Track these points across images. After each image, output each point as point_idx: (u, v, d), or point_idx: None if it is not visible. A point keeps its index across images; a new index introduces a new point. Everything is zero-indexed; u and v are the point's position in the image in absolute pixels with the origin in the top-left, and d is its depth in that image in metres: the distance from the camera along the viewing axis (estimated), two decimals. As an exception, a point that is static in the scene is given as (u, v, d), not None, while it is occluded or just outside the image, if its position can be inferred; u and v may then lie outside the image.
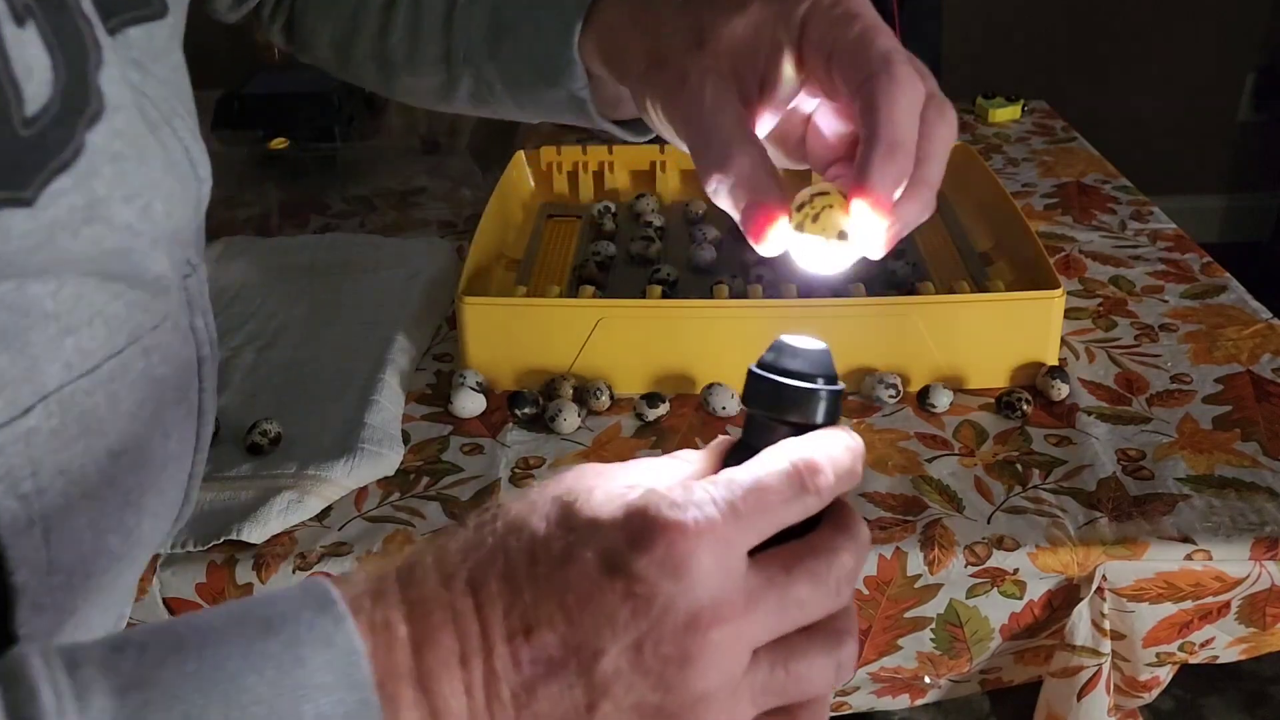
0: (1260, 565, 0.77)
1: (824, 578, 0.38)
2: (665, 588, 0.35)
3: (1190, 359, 1.00)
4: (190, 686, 0.32)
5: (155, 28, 0.47)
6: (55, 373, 0.42)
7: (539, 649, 0.35)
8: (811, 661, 0.38)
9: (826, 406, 0.41)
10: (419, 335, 1.03)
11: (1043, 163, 1.46)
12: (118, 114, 0.41)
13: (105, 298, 0.44)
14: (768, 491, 0.38)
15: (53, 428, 0.42)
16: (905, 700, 0.88)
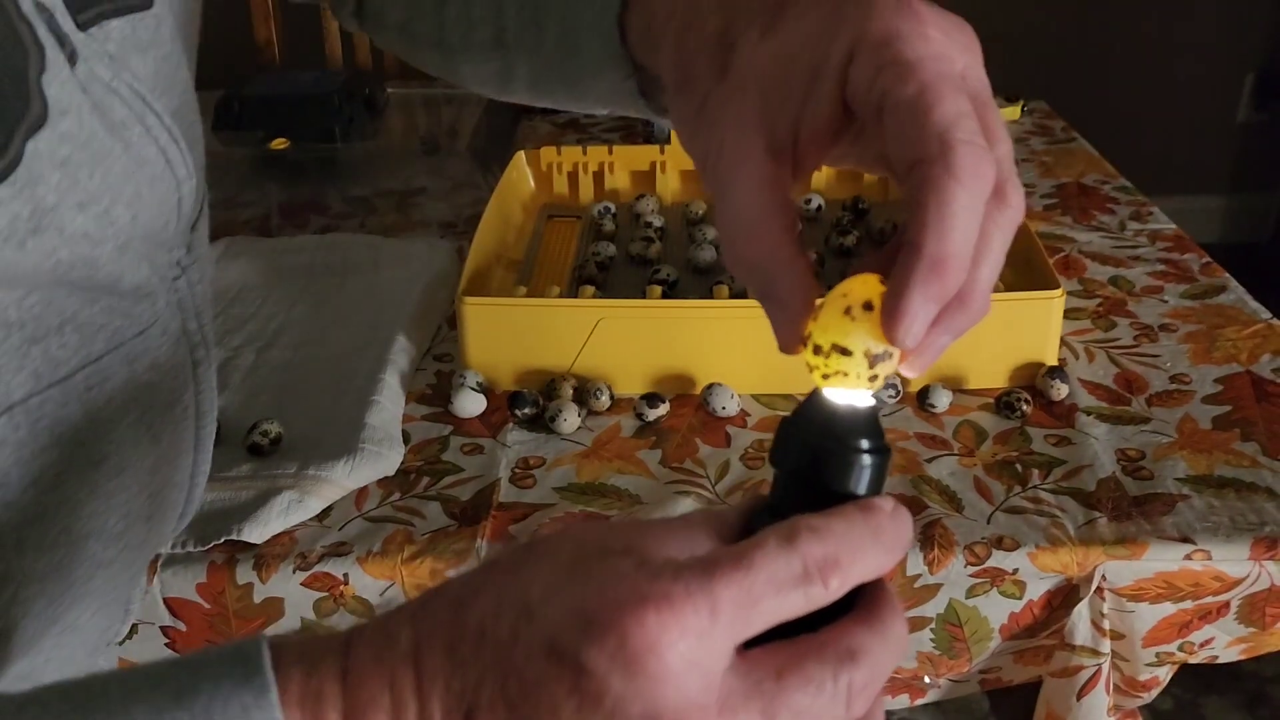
0: (1260, 565, 0.77)
1: (827, 686, 0.33)
2: (615, 686, 0.30)
3: (1190, 359, 1.00)
4: None
5: (139, 19, 0.45)
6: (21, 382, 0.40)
7: None
8: None
9: (867, 475, 0.34)
10: (419, 335, 1.03)
11: (1042, 163, 1.46)
12: (64, 118, 0.39)
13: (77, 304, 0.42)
14: (758, 581, 0.31)
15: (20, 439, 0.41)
16: (905, 700, 0.88)
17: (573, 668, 0.30)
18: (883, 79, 0.35)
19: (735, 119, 0.38)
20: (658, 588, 0.30)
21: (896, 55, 0.35)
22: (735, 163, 0.38)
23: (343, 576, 0.77)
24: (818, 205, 1.25)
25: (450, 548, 0.78)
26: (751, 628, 0.32)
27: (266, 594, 0.77)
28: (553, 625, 0.31)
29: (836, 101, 0.37)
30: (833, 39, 0.36)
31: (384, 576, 0.77)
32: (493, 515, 0.82)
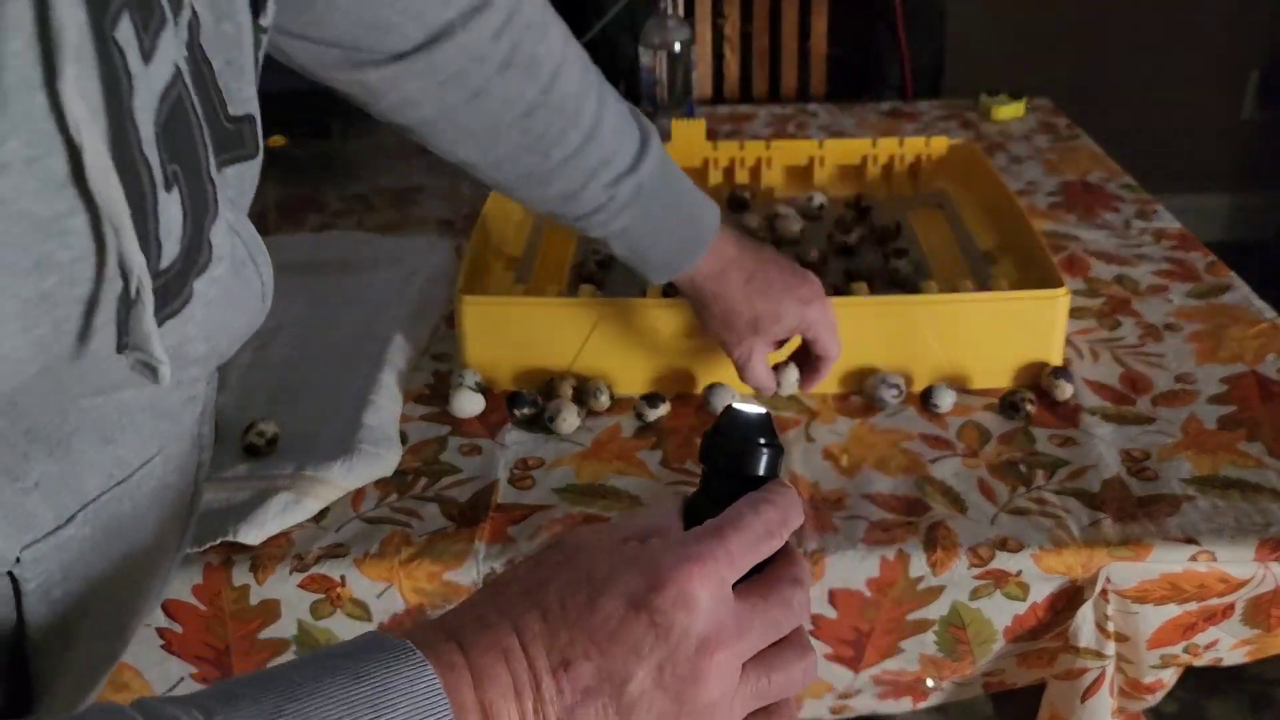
0: (1265, 567, 0.77)
1: (790, 602, 0.47)
2: (679, 618, 0.43)
3: (1195, 359, 0.99)
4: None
5: (248, 167, 0.50)
6: (96, 482, 0.45)
7: (577, 679, 0.42)
8: (788, 669, 0.46)
9: (771, 463, 0.50)
10: (417, 335, 1.02)
11: (1046, 161, 1.46)
12: (220, 263, 0.44)
13: (139, 408, 0.47)
14: (748, 537, 0.46)
15: (85, 535, 0.45)
16: (908, 703, 0.88)
17: (648, 612, 0.42)
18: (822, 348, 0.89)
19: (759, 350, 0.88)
20: (694, 551, 0.44)
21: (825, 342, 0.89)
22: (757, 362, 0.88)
23: (340, 578, 0.76)
24: (820, 203, 1.25)
25: (448, 549, 0.78)
26: (743, 569, 0.46)
27: (263, 596, 0.77)
28: (628, 587, 0.43)
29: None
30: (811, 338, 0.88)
31: (381, 578, 0.76)
32: (491, 516, 0.81)
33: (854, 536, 0.78)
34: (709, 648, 0.43)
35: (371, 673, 0.39)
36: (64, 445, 0.43)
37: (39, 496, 0.43)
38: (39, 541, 0.43)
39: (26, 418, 0.40)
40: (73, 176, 0.35)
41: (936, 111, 1.64)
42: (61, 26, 0.33)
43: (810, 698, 0.85)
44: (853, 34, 1.91)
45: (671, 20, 1.46)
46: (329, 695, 0.38)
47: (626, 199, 0.81)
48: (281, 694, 0.37)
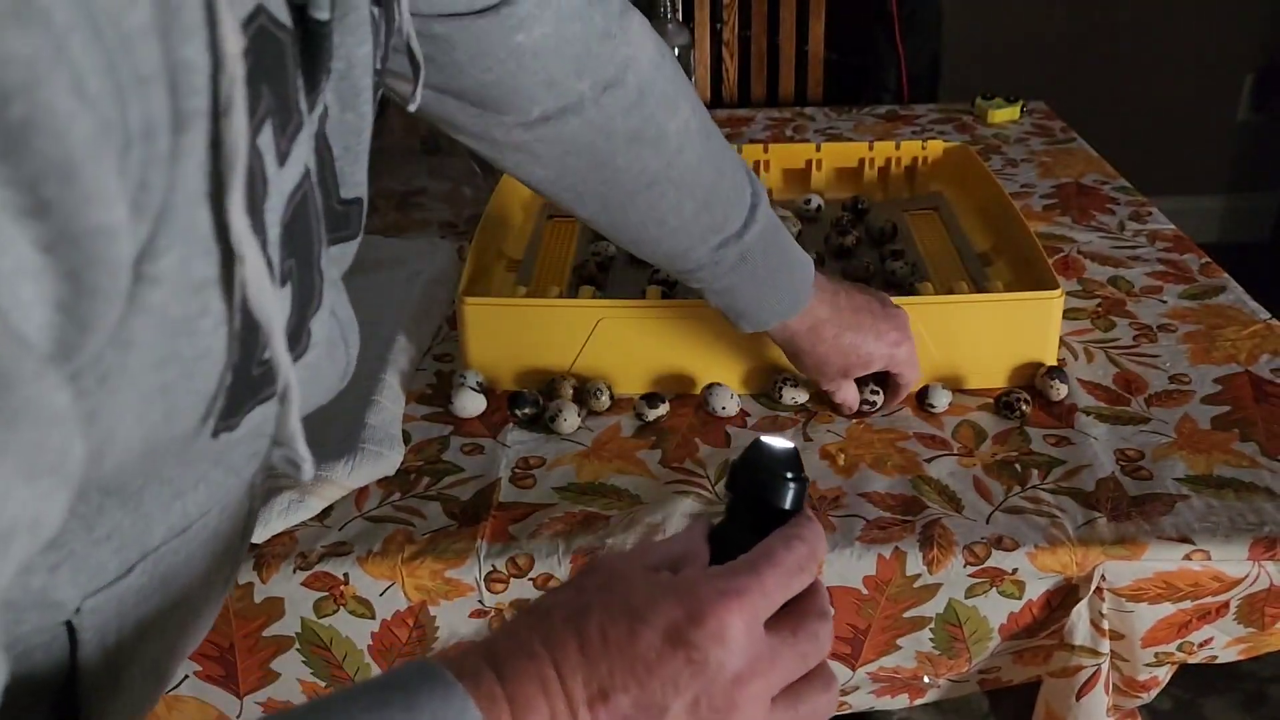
0: (1259, 565, 0.77)
1: (817, 635, 0.48)
2: (716, 654, 0.44)
3: (1189, 359, 1.00)
4: None
5: (348, 246, 0.52)
6: (160, 533, 0.46)
7: (615, 710, 0.43)
8: (814, 701, 0.48)
9: (798, 497, 0.51)
10: (419, 335, 1.03)
11: (1042, 163, 1.46)
12: (316, 349, 0.45)
13: (208, 464, 0.47)
14: (782, 574, 0.47)
15: (141, 585, 0.46)
16: (904, 700, 0.89)
17: (686, 646, 0.43)
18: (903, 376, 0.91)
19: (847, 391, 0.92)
20: (731, 585, 0.45)
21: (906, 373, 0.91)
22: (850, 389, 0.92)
23: (343, 576, 0.77)
24: (817, 205, 1.25)
25: (450, 547, 0.78)
26: (777, 605, 0.47)
27: (267, 594, 0.77)
28: (667, 620, 0.44)
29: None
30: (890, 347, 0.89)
31: (384, 576, 0.77)
32: (493, 515, 0.82)
33: (851, 535, 0.79)
34: (742, 681, 0.44)
35: (421, 706, 0.40)
36: (136, 498, 0.43)
37: (109, 548, 0.43)
38: (101, 591, 0.43)
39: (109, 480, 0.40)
40: (216, 280, 0.35)
41: (933, 115, 1.65)
42: (234, 149, 0.33)
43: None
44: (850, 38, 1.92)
45: (671, 24, 1.47)
46: None
47: (732, 263, 0.81)
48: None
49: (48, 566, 0.41)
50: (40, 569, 0.40)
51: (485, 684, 0.41)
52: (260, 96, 0.36)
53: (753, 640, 0.45)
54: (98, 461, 0.35)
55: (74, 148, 0.27)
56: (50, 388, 0.29)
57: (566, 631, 0.44)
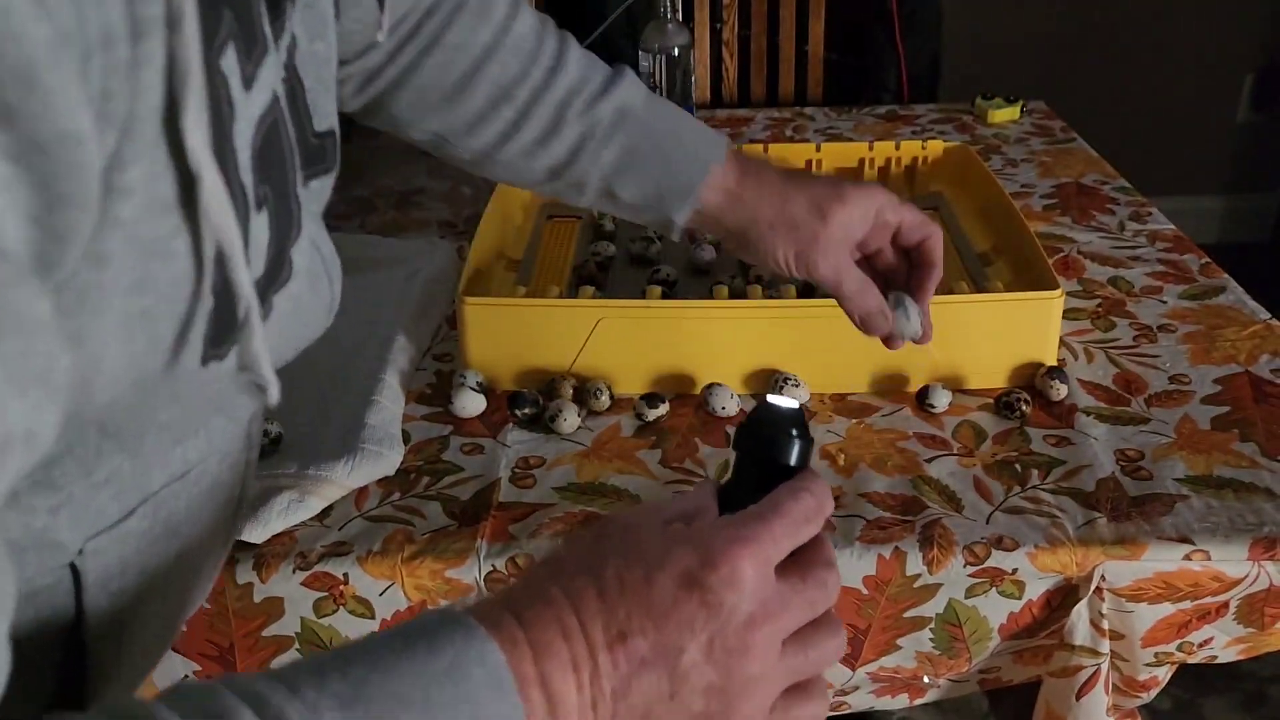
0: (1259, 565, 0.77)
1: (827, 585, 0.49)
2: (729, 597, 0.45)
3: (1189, 359, 1.00)
4: (395, 702, 0.39)
5: (326, 180, 0.52)
6: (160, 478, 0.47)
7: (633, 652, 0.44)
8: (822, 646, 0.48)
9: (803, 454, 0.52)
10: (419, 335, 1.03)
11: (1041, 163, 1.46)
12: (297, 279, 0.46)
13: (209, 412, 0.48)
14: (790, 523, 0.48)
15: (144, 529, 0.47)
16: (904, 700, 0.89)
17: (700, 590, 0.44)
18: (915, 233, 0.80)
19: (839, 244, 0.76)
20: (742, 533, 0.46)
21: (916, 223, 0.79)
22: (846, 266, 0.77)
23: (343, 576, 0.77)
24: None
25: (450, 547, 0.78)
26: (785, 553, 0.48)
27: (266, 594, 0.77)
28: (681, 565, 0.45)
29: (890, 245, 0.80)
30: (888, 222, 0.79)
31: (384, 576, 0.77)
32: (493, 515, 0.82)
33: (851, 535, 0.79)
34: (754, 624, 0.45)
35: (444, 648, 0.41)
36: (136, 443, 0.44)
37: (108, 492, 0.44)
38: (102, 534, 0.44)
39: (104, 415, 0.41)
40: (179, 201, 0.36)
41: (933, 115, 1.65)
42: (186, 62, 0.34)
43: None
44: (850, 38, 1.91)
45: (670, 25, 1.47)
46: (408, 669, 0.40)
47: (609, 123, 0.76)
48: (366, 665, 0.40)
49: (48, 508, 0.41)
50: (40, 511, 0.41)
51: (506, 628, 0.42)
52: (221, 19, 0.37)
53: (764, 585, 0.46)
54: (88, 393, 0.37)
55: (34, 54, 0.28)
56: (31, 295, 0.30)
57: (584, 579, 0.45)
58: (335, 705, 0.38)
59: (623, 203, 0.79)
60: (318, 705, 0.38)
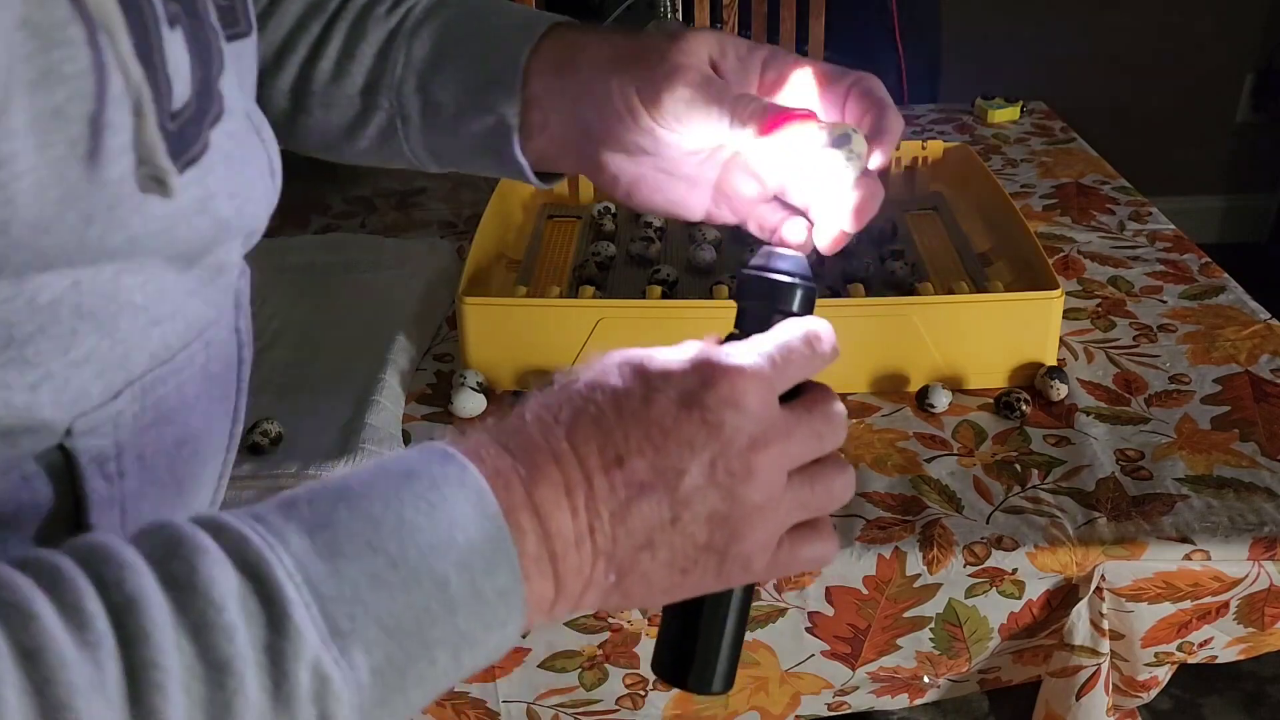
0: (1259, 565, 0.77)
1: (832, 419, 0.47)
2: (730, 416, 0.43)
3: (1189, 359, 1.00)
4: (366, 524, 0.38)
5: (245, 45, 0.51)
6: (142, 361, 0.46)
7: (631, 474, 0.42)
8: (828, 481, 0.47)
9: (807, 299, 0.50)
10: (419, 335, 1.03)
11: (1041, 163, 1.46)
12: (231, 117, 0.45)
13: (184, 294, 0.48)
14: (792, 351, 0.47)
15: (135, 412, 0.46)
16: (904, 700, 0.89)
17: (700, 409, 0.43)
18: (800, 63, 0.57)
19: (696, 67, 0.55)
20: (742, 358, 0.45)
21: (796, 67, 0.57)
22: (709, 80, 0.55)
23: (343, 576, 0.77)
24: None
25: (450, 547, 0.78)
26: (788, 383, 0.46)
27: (267, 593, 0.77)
28: (679, 387, 0.44)
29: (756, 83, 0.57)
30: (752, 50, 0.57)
31: (384, 576, 0.77)
32: (493, 515, 0.81)
33: (851, 535, 0.79)
34: (758, 446, 0.44)
35: (421, 473, 0.40)
36: (111, 323, 0.44)
37: (88, 371, 0.43)
38: (89, 414, 0.44)
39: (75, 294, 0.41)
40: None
41: (933, 115, 1.65)
42: None
43: (808, 694, 0.86)
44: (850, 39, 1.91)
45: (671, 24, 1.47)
46: (381, 494, 0.39)
47: (419, 14, 0.65)
48: (337, 494, 0.39)
49: (26, 385, 0.41)
50: (18, 388, 0.41)
51: (490, 456, 0.41)
52: None
53: (766, 409, 0.44)
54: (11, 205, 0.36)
55: None
56: None
57: (578, 403, 0.43)
58: (301, 530, 0.37)
59: (444, 116, 0.64)
60: (283, 531, 0.37)
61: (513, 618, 0.40)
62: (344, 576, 0.37)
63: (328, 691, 0.35)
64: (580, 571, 0.42)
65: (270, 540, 0.36)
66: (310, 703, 0.35)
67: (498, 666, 0.82)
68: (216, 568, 0.35)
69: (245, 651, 0.34)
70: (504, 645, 0.41)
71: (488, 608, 0.39)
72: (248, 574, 0.35)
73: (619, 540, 0.42)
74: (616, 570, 0.43)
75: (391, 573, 0.37)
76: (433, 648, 0.38)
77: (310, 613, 0.36)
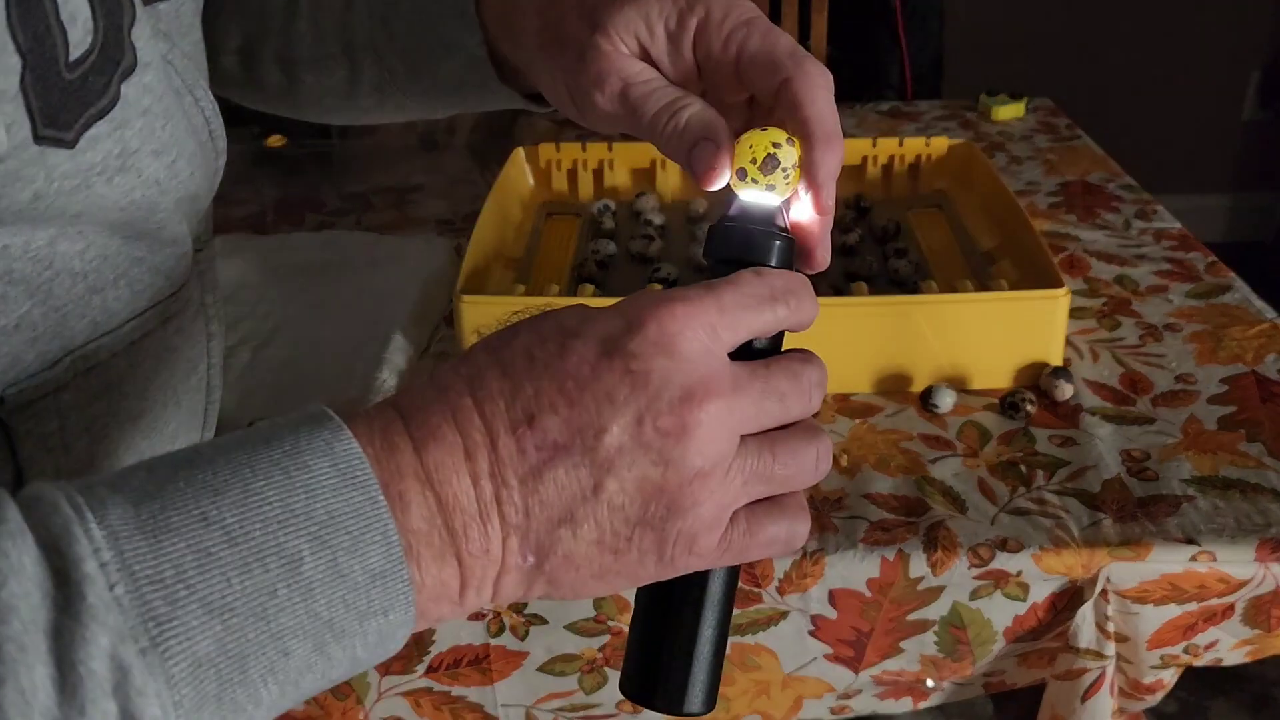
0: (1265, 567, 0.77)
1: (800, 377, 0.40)
2: (659, 363, 0.37)
3: (1195, 359, 0.99)
4: (204, 493, 0.33)
5: (182, 4, 0.50)
6: (82, 329, 0.45)
7: (543, 434, 0.36)
8: (794, 449, 0.40)
9: (782, 251, 0.44)
10: (417, 334, 1.02)
11: (1046, 161, 1.45)
12: (148, 70, 0.43)
13: (128, 261, 0.46)
14: (743, 293, 0.40)
15: (77, 384, 0.45)
16: (908, 703, 0.88)
17: (623, 357, 0.37)
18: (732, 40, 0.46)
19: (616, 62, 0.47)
20: (679, 293, 0.39)
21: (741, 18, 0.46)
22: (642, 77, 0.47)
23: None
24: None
25: (447, 549, 0.77)
26: (742, 330, 0.40)
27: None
28: (600, 332, 0.38)
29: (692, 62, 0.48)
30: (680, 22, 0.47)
31: (380, 578, 0.76)
32: (490, 516, 0.81)
33: (854, 536, 0.78)
34: (694, 398, 0.37)
35: (283, 438, 0.35)
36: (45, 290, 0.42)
37: (20, 339, 0.42)
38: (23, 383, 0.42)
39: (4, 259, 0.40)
40: None
41: (936, 112, 1.64)
42: None
43: (810, 698, 0.85)
44: (853, 34, 1.91)
45: None
46: (230, 460, 0.34)
47: None
48: (184, 460, 0.34)
49: None
50: None
51: (381, 419, 0.36)
52: None
53: (706, 355, 0.38)
54: None
55: None
56: None
57: (487, 359, 0.38)
58: (127, 500, 0.32)
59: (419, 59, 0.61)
60: (106, 501, 0.32)
61: (396, 604, 0.35)
62: (166, 554, 0.32)
63: (128, 684, 0.31)
64: (488, 551, 0.36)
65: (85, 511, 0.32)
66: (108, 696, 0.31)
67: (495, 669, 0.81)
68: (8, 540, 0.31)
69: (19, 635, 0.30)
70: (392, 637, 0.36)
71: (357, 592, 0.34)
72: (48, 548, 0.31)
73: (532, 513, 0.36)
74: (534, 550, 0.37)
75: (227, 549, 0.32)
76: (284, 637, 0.33)
77: (114, 593, 0.31)
